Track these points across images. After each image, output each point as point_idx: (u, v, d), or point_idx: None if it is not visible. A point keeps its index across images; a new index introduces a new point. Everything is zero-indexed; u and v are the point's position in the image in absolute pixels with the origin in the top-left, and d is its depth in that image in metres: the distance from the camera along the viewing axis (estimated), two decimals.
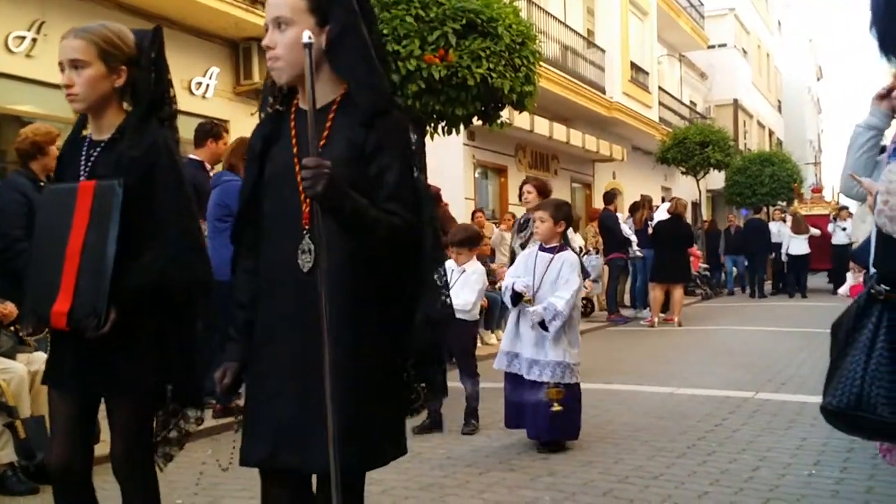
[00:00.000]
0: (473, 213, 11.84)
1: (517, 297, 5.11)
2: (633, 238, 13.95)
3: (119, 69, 2.61)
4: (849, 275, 13.13)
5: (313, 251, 2.10)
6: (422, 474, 4.63)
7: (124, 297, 2.45)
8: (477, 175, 16.60)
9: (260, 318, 2.20)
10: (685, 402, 6.60)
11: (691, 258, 14.84)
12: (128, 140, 2.58)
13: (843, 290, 12.86)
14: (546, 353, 5.04)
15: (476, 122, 10.11)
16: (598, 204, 17.58)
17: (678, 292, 12.95)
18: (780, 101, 43.64)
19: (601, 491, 4.19)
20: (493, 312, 10.32)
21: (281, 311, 2.15)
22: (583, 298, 14.09)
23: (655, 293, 13.07)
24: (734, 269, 19.90)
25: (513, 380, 5.21)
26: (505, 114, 10.35)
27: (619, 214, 14.32)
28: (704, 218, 24.34)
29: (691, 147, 20.75)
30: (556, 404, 4.94)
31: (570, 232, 12.72)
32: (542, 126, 16.53)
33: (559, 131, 17.49)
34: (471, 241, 5.92)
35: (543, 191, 7.25)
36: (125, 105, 2.68)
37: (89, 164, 2.61)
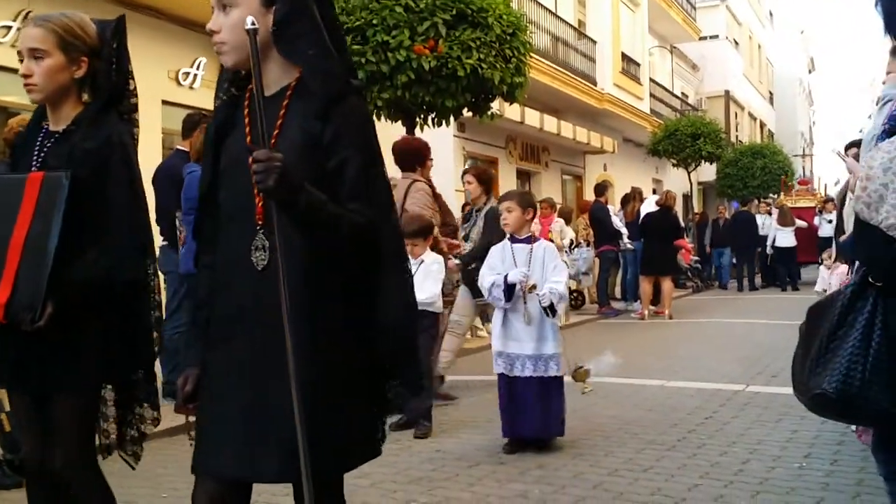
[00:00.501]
0: (464, 206, 11.79)
1: (511, 290, 4.91)
2: (624, 230, 13.94)
3: (80, 60, 2.54)
4: (822, 269, 12.83)
5: (268, 248, 1.99)
6: (411, 467, 4.60)
7: (65, 291, 2.39)
8: (467, 166, 16.56)
9: (216, 315, 2.09)
10: (675, 394, 6.59)
11: (682, 251, 14.86)
12: (82, 132, 2.52)
13: (819, 286, 12.33)
14: (548, 346, 4.92)
15: (466, 113, 10.06)
16: (589, 196, 17.58)
17: (667, 285, 12.95)
18: (771, 93, 43.73)
19: (591, 484, 4.18)
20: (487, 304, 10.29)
21: (237, 307, 2.03)
22: (573, 291, 14.12)
23: (645, 286, 13.08)
24: (721, 261, 19.87)
25: (510, 383, 4.97)
26: (495, 105, 10.31)
27: (610, 207, 14.31)
28: (696, 210, 24.35)
29: (682, 139, 20.75)
30: (587, 385, 5.11)
31: (561, 224, 12.82)
32: (532, 118, 16.50)
33: (550, 123, 17.47)
34: (424, 231, 5.62)
35: (483, 179, 7.01)
36: (84, 97, 2.61)
37: (42, 154, 2.55)
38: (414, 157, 6.41)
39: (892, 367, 2.16)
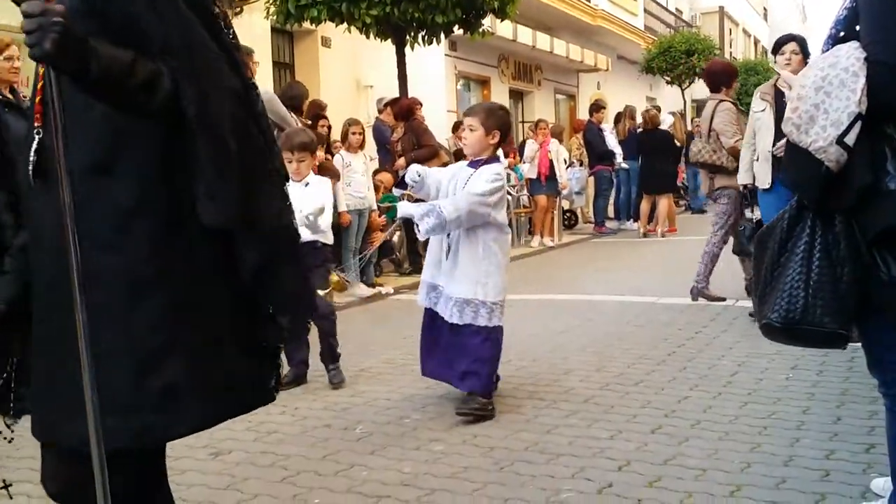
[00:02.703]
0: (455, 126, 11.69)
1: (401, 185, 4.35)
2: (618, 150, 13.87)
3: None
4: (661, 203, 12.90)
5: (35, 154, 1.64)
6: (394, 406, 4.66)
7: None
8: (459, 87, 16.37)
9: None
10: (666, 310, 6.66)
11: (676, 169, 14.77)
12: None
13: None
14: (456, 287, 4.03)
15: (457, 30, 9.89)
16: (583, 115, 17.42)
17: (662, 203, 12.94)
18: (765, 9, 42.98)
19: (582, 398, 4.25)
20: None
21: (32, 229, 1.75)
22: (566, 211, 14.13)
23: (643, 204, 13.11)
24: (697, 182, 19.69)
25: (431, 318, 4.22)
26: (487, 22, 10.13)
27: (604, 126, 14.19)
28: (688, 128, 24.16)
29: (676, 56, 20.49)
30: (326, 293, 4.29)
31: (556, 144, 12.71)
32: (525, 35, 16.23)
33: (543, 41, 17.19)
34: (310, 146, 4.74)
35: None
36: None
37: None
38: (722, 77, 6.81)
39: (833, 287, 2.14)
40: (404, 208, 4.14)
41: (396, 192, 4.91)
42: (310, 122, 7.60)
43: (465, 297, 3.99)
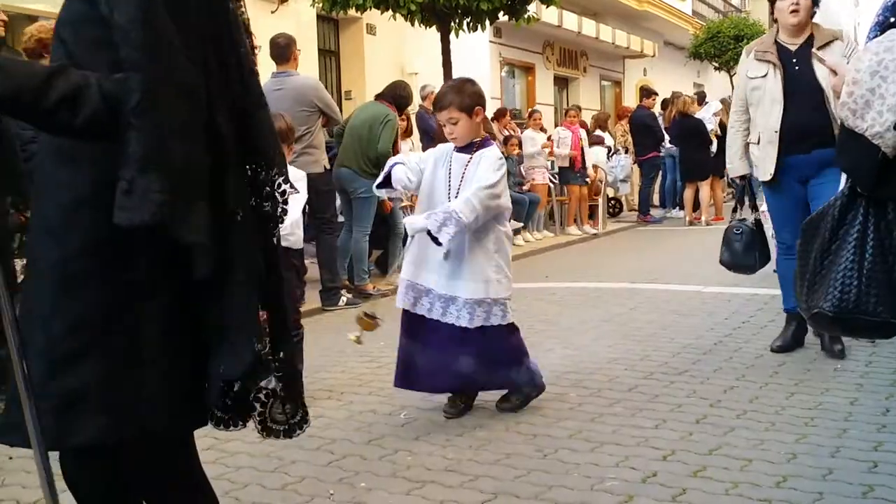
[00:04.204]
0: (498, 114, 11.67)
1: (385, 184, 3.87)
2: (665, 136, 13.74)
3: None
4: (702, 191, 12.60)
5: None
6: None
7: None
8: (503, 74, 16.31)
9: None
10: (712, 299, 6.59)
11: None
12: None
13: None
14: (464, 287, 3.66)
15: (502, 17, 9.85)
16: (629, 102, 17.25)
17: (704, 190, 12.79)
18: None
19: (626, 387, 4.23)
20: (520, 214, 10.29)
21: None
22: (611, 199, 14.03)
23: (686, 192, 12.97)
24: None
25: (413, 323, 3.80)
26: (532, 8, 10.07)
27: (655, 112, 14.03)
28: None
29: (725, 41, 20.14)
30: (356, 336, 3.74)
31: (598, 132, 12.58)
32: (570, 21, 16.11)
33: (588, 26, 17.05)
34: (283, 134, 3.93)
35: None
36: None
37: None
38: None
39: (887, 276, 2.11)
40: (413, 223, 3.63)
41: (378, 192, 4.32)
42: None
43: (476, 298, 3.65)
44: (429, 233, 3.49)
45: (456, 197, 3.64)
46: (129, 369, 1.62)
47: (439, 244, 3.50)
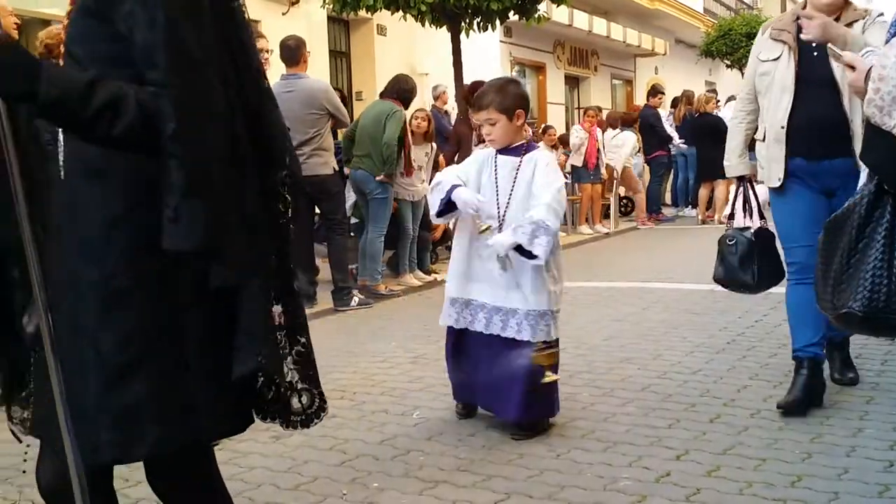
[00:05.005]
0: None
1: (447, 210, 3.57)
2: (675, 134, 13.69)
3: None
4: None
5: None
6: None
7: None
8: (514, 73, 16.28)
9: None
10: (724, 298, 6.53)
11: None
12: None
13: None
14: (525, 298, 3.47)
15: (512, 16, 9.85)
16: (640, 101, 17.21)
17: (719, 189, 12.73)
18: None
19: (639, 386, 4.22)
20: None
21: None
22: (623, 198, 13.99)
23: (701, 191, 12.93)
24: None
25: (461, 340, 3.69)
26: (542, 7, 10.06)
27: (660, 111, 14.00)
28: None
29: (737, 39, 20.06)
30: (548, 373, 3.54)
31: (610, 131, 12.57)
32: (581, 20, 16.09)
33: (599, 25, 17.02)
34: None
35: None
36: None
37: None
38: None
39: None
40: (502, 242, 3.40)
41: (438, 220, 3.93)
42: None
43: (540, 309, 3.48)
44: (519, 248, 3.35)
45: (508, 203, 3.52)
46: (178, 378, 1.66)
47: (532, 257, 3.34)
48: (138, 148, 1.54)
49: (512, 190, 3.54)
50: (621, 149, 12.56)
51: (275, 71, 6.46)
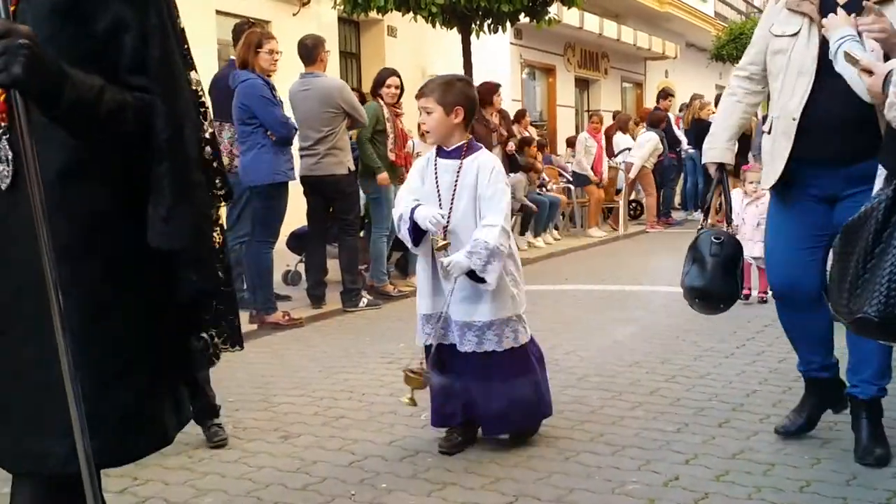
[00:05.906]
0: (518, 115, 11.65)
1: (419, 235, 3.36)
2: (683, 138, 13.67)
3: None
4: (736, 193, 11.58)
5: (11, 161, 1.55)
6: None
7: None
8: (524, 76, 16.30)
9: None
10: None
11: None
12: None
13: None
14: (484, 310, 3.33)
15: (523, 19, 9.85)
16: (650, 104, 17.19)
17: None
18: None
19: (647, 390, 4.22)
20: (540, 216, 10.28)
21: None
22: (632, 201, 13.97)
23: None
24: None
25: (441, 357, 3.45)
26: (553, 10, 10.06)
27: (669, 114, 13.99)
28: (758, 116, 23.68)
29: (747, 42, 19.93)
30: (408, 398, 3.38)
31: (619, 134, 12.56)
32: (591, 23, 16.09)
33: (610, 28, 17.01)
34: None
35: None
36: None
37: None
38: None
39: None
40: (459, 264, 3.22)
41: (417, 251, 3.52)
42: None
43: (503, 317, 3.35)
44: (471, 273, 3.23)
45: (451, 209, 3.33)
46: (161, 379, 1.71)
47: (481, 281, 3.23)
48: (133, 149, 1.61)
49: (453, 199, 3.35)
50: (641, 148, 12.52)
51: (286, 71, 6.47)
